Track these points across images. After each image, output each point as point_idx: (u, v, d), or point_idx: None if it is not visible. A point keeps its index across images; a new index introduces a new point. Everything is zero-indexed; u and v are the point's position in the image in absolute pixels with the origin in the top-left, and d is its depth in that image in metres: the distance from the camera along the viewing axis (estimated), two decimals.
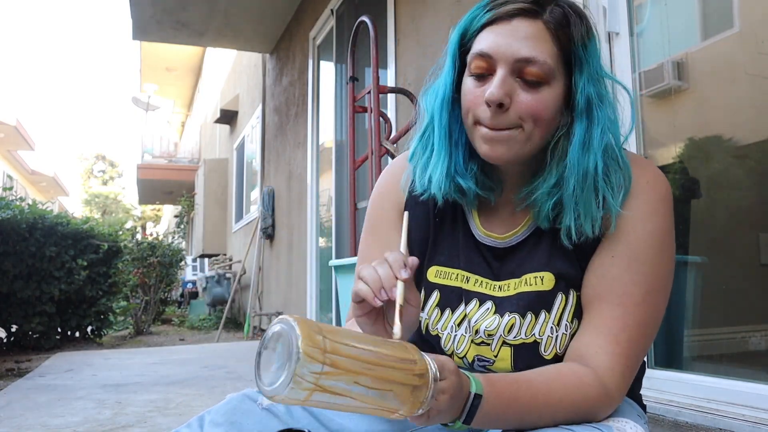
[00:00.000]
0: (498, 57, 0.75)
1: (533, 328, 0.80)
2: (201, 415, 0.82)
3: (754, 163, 1.80)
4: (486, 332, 0.82)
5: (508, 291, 0.83)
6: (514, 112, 0.75)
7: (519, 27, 0.75)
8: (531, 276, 0.81)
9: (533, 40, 0.75)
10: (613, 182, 0.77)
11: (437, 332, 0.87)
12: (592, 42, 0.79)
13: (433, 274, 0.88)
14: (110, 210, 31.00)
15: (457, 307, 0.85)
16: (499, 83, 0.74)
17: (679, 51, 1.97)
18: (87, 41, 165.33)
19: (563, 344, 0.80)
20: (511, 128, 0.76)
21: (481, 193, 0.84)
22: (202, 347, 5.42)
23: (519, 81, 0.75)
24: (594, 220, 0.76)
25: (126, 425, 2.26)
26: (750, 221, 1.80)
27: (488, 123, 0.76)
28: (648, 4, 2.06)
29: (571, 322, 0.80)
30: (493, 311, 0.83)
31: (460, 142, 0.83)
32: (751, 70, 1.78)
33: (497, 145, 0.77)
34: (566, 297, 0.80)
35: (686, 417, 1.59)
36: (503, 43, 0.75)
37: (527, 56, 0.74)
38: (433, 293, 0.87)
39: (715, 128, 1.90)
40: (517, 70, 0.75)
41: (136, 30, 6.34)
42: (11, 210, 5.36)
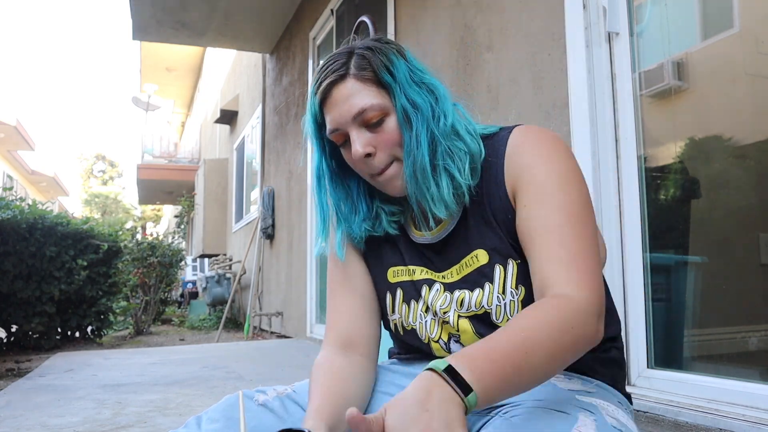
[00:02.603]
0: (343, 125, 0.89)
1: (481, 301, 0.89)
2: (198, 416, 0.86)
3: (754, 163, 1.79)
4: (441, 310, 0.92)
5: (452, 277, 0.92)
6: (380, 154, 0.89)
7: (338, 95, 0.89)
8: (467, 258, 0.91)
9: (353, 96, 0.88)
10: (455, 154, 0.88)
11: (411, 326, 0.96)
12: (396, 61, 0.90)
13: (391, 274, 1.00)
14: (110, 210, 31.00)
15: (418, 298, 0.96)
16: (356, 142, 0.88)
17: (679, 51, 1.96)
18: (87, 41, 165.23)
19: (513, 310, 0.87)
20: (390, 164, 0.90)
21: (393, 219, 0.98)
22: (202, 347, 5.42)
23: (368, 129, 0.89)
24: (445, 203, 0.88)
25: (126, 425, 2.26)
26: (750, 221, 1.80)
27: (374, 172, 0.90)
28: (648, 4, 2.06)
29: (516, 288, 0.87)
30: (442, 290, 0.93)
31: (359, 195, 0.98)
32: (751, 70, 1.77)
33: (392, 182, 0.91)
34: (504, 267, 0.88)
35: (686, 417, 1.59)
36: (337, 114, 0.89)
37: (357, 110, 0.87)
38: (396, 292, 0.99)
39: (715, 128, 1.90)
40: (361, 123, 0.88)
41: (136, 30, 6.34)
42: (11, 210, 5.36)
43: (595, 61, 2.04)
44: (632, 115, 1.98)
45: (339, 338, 0.97)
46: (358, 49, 0.90)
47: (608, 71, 2.03)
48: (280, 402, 0.89)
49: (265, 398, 0.89)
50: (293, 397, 0.91)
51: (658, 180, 2.02)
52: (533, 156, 0.86)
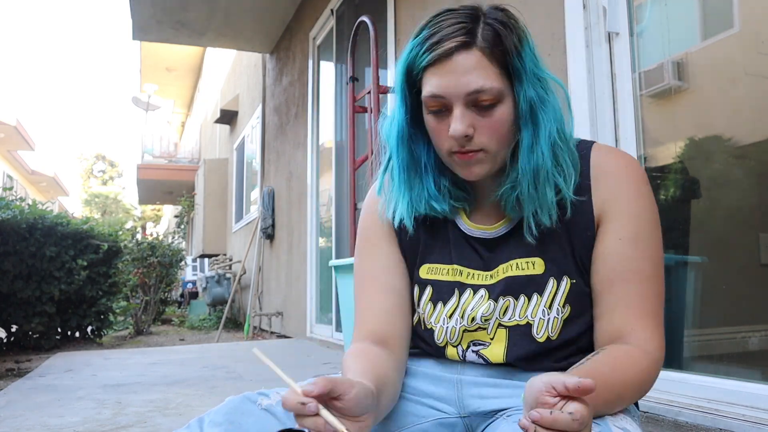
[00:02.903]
0: (450, 96, 0.81)
1: (526, 310, 0.86)
2: (201, 417, 0.82)
3: (754, 163, 1.79)
4: (483, 318, 0.88)
5: (498, 276, 0.88)
6: (478, 137, 0.82)
7: (459, 62, 0.80)
8: (522, 261, 0.87)
9: (476, 70, 0.80)
10: (565, 169, 0.84)
11: (431, 326, 0.92)
12: (525, 46, 0.83)
13: (425, 271, 0.94)
14: (110, 210, 31.00)
15: (448, 299, 0.91)
16: (458, 119, 0.81)
17: (679, 51, 1.96)
18: (87, 41, 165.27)
19: (555, 328, 0.85)
20: (480, 150, 0.83)
21: (457, 205, 0.92)
22: (202, 347, 5.42)
23: (474, 109, 0.82)
24: (550, 211, 0.84)
25: (126, 425, 2.26)
26: (750, 221, 1.80)
27: (460, 152, 0.84)
28: (648, 4, 2.06)
29: (563, 306, 0.85)
30: (487, 298, 0.88)
31: (427, 167, 0.91)
32: (751, 70, 1.77)
33: (472, 167, 0.84)
34: (558, 282, 0.85)
35: (686, 417, 1.59)
36: (451, 83, 0.81)
37: (475, 88, 0.80)
38: (426, 289, 0.93)
39: (715, 128, 1.90)
40: (470, 101, 0.81)
41: (136, 30, 6.34)
42: (11, 210, 5.36)
43: (595, 61, 2.04)
44: (632, 115, 1.98)
45: (371, 335, 0.92)
46: (489, 19, 0.82)
47: (608, 71, 2.03)
48: None
49: (269, 402, 0.85)
50: None
51: (658, 180, 2.02)
52: (629, 187, 0.85)
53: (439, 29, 0.82)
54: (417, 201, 0.91)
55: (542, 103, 0.83)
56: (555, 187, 0.83)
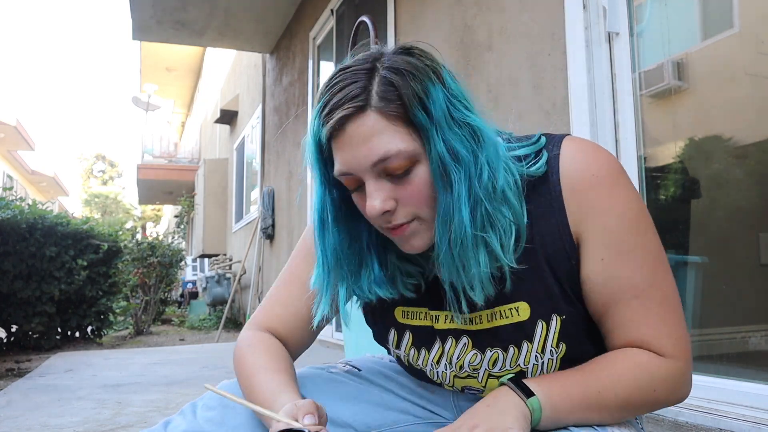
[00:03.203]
0: (356, 171, 0.70)
1: (517, 359, 0.78)
2: (194, 402, 0.83)
3: (754, 163, 1.80)
4: (471, 367, 0.81)
5: (480, 324, 0.79)
6: (402, 209, 0.71)
7: (353, 132, 0.69)
8: (505, 308, 0.77)
9: (374, 136, 0.68)
10: (500, 223, 0.71)
11: (420, 367, 0.86)
12: (434, 92, 0.69)
13: (401, 314, 0.85)
14: (110, 210, 31.00)
15: (432, 346, 0.83)
16: (372, 195, 0.70)
17: (679, 51, 1.96)
18: (87, 41, 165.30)
19: (551, 368, 0.77)
20: (411, 221, 0.72)
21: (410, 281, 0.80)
22: (202, 347, 5.41)
23: (389, 178, 0.71)
24: (483, 283, 0.72)
25: (126, 425, 2.26)
26: (750, 221, 1.80)
27: (389, 228, 0.73)
28: (648, 4, 2.06)
29: (557, 346, 0.76)
30: (471, 345, 0.80)
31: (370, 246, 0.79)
32: (751, 70, 1.78)
33: (410, 240, 0.74)
34: (547, 323, 0.75)
35: (686, 417, 1.59)
36: (350, 156, 0.70)
37: (379, 157, 0.68)
38: (405, 333, 0.85)
39: (715, 128, 1.90)
40: (380, 171, 0.70)
41: (136, 30, 6.34)
42: (11, 210, 5.36)
43: (595, 61, 2.04)
44: (632, 115, 1.98)
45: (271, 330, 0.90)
46: (384, 70, 0.69)
47: (608, 71, 2.03)
48: None
49: None
50: None
51: (658, 180, 2.02)
52: (600, 194, 0.73)
53: (332, 96, 0.70)
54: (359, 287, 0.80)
55: (456, 157, 0.69)
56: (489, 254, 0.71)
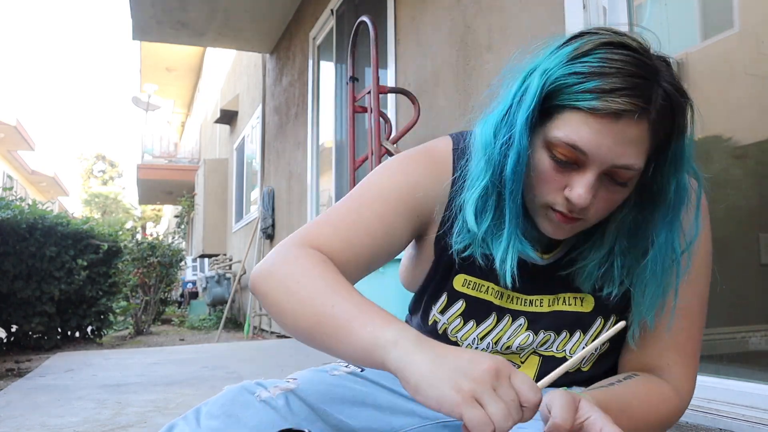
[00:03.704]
0: (595, 159, 0.67)
1: (565, 345, 0.81)
2: (197, 408, 0.79)
3: (754, 163, 1.80)
4: (519, 347, 0.83)
5: (541, 307, 0.82)
6: (593, 208, 0.71)
7: (626, 130, 0.66)
8: (570, 296, 0.81)
9: (636, 145, 0.67)
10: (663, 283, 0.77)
11: (456, 340, 0.85)
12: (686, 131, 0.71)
13: (461, 282, 0.84)
14: (110, 210, 31.00)
15: (483, 320, 0.82)
16: (588, 187, 0.68)
17: (679, 51, 1.97)
18: (87, 41, 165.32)
19: (589, 362, 0.82)
20: (582, 218, 0.72)
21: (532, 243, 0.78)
22: (202, 347, 5.42)
23: (606, 178, 0.69)
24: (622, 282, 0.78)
25: (126, 425, 2.26)
26: (750, 221, 1.80)
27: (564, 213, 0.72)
28: (648, 4, 2.06)
29: (603, 344, 0.79)
30: (525, 327, 0.82)
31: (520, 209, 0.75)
32: (751, 70, 1.78)
33: (564, 230, 0.74)
34: (605, 322, 0.81)
35: (686, 417, 1.59)
36: (604, 146, 0.66)
37: (625, 164, 0.67)
38: (458, 302, 0.84)
39: (715, 128, 1.90)
40: (609, 172, 0.69)
41: (136, 30, 6.34)
42: (11, 210, 5.36)
43: None
44: None
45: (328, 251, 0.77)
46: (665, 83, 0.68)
47: None
48: (284, 400, 0.80)
49: (268, 395, 0.80)
50: (299, 394, 0.82)
51: None
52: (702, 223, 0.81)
53: (617, 74, 0.65)
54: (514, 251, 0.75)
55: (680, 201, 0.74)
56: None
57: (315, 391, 0.85)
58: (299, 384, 0.84)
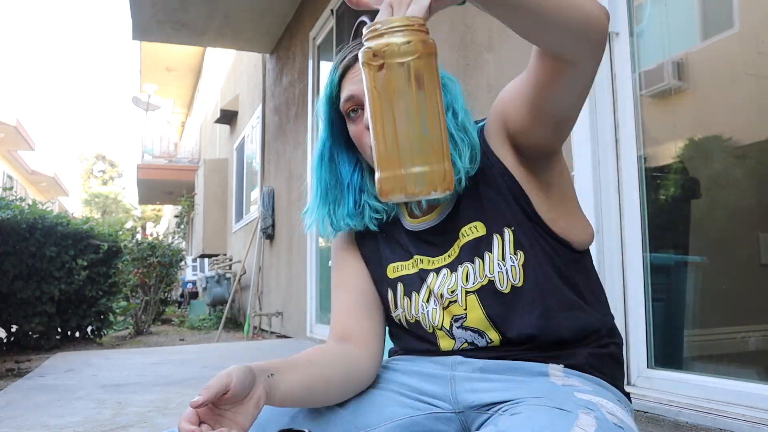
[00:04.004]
0: (360, 92, 0.90)
1: (484, 270, 0.90)
2: None
3: (754, 163, 1.80)
4: (449, 290, 0.92)
5: (455, 253, 0.94)
6: None
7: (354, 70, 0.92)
8: (465, 228, 0.93)
9: None
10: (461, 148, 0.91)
11: (415, 318, 0.97)
12: None
13: (392, 271, 1.00)
14: (110, 210, 31.01)
15: (420, 288, 0.96)
16: None
17: (679, 51, 1.97)
18: (87, 41, 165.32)
19: (516, 275, 0.89)
20: None
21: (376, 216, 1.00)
22: (202, 347, 5.42)
23: None
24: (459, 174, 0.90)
25: (126, 425, 2.26)
26: (750, 221, 1.80)
27: None
28: (648, 4, 2.06)
29: (515, 254, 0.89)
30: (449, 274, 0.94)
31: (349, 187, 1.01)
32: (751, 70, 1.78)
33: None
34: (501, 236, 0.90)
35: (686, 417, 1.59)
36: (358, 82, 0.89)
37: None
38: (397, 286, 0.99)
39: (715, 128, 1.90)
40: None
41: (136, 30, 6.34)
42: (11, 210, 5.36)
43: None
44: (632, 115, 1.98)
45: (336, 334, 0.99)
46: None
47: (608, 71, 2.03)
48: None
49: None
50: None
51: (658, 180, 2.02)
52: None
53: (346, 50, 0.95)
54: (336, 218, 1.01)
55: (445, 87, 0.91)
56: None
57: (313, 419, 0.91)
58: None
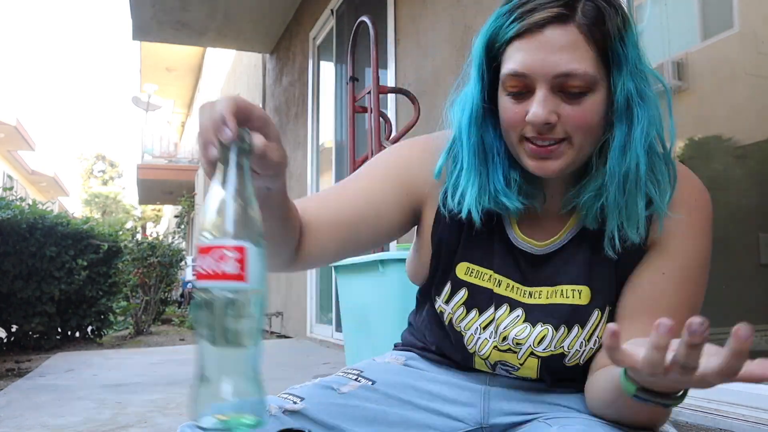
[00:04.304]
0: (535, 75, 0.70)
1: (563, 341, 0.78)
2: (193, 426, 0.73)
3: (754, 163, 1.80)
4: (515, 341, 0.80)
5: (539, 299, 0.80)
6: (561, 127, 0.71)
7: (552, 38, 0.68)
8: (568, 288, 0.79)
9: (569, 50, 0.68)
10: (660, 181, 0.74)
11: (461, 330, 0.84)
12: (629, 32, 0.72)
13: (463, 271, 0.83)
14: (110, 210, 31.00)
15: (485, 309, 0.82)
16: (540, 102, 0.69)
17: (679, 51, 1.96)
18: (87, 41, 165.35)
19: (587, 356, 0.79)
20: (560, 141, 0.72)
21: (526, 202, 0.78)
22: None
23: (561, 95, 0.70)
24: (639, 224, 0.73)
25: (126, 425, 2.26)
26: (750, 221, 1.80)
27: (535, 143, 0.72)
28: (648, 4, 2.06)
29: (600, 338, 0.78)
30: (523, 319, 0.80)
31: (497, 155, 0.78)
32: (751, 70, 1.78)
33: (547, 161, 0.73)
34: (602, 313, 0.78)
35: (686, 417, 1.59)
36: (538, 60, 0.69)
37: (566, 71, 0.68)
38: (460, 290, 0.83)
39: (715, 128, 1.90)
40: (557, 85, 0.69)
41: (136, 30, 6.34)
42: (11, 210, 5.36)
43: None
44: None
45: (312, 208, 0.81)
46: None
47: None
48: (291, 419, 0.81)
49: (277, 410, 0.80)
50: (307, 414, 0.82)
51: None
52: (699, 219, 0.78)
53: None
54: (482, 193, 0.78)
55: (642, 98, 0.72)
56: (647, 198, 0.74)
57: (324, 411, 0.83)
58: (306, 405, 0.82)
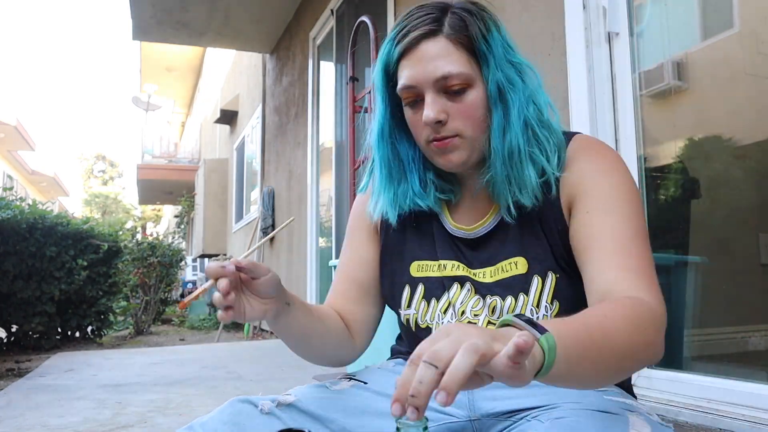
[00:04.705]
0: (420, 84, 0.83)
1: (513, 310, 0.84)
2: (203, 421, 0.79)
3: (754, 163, 1.80)
4: (472, 312, 0.87)
5: (484, 278, 0.88)
6: (451, 123, 0.84)
7: (426, 50, 0.83)
8: (506, 262, 0.87)
9: (442, 57, 0.82)
10: (546, 150, 0.84)
11: (427, 324, 0.91)
12: (493, 32, 0.85)
13: (416, 269, 0.95)
14: (110, 210, 31.00)
15: (441, 295, 0.91)
16: (429, 105, 0.83)
17: (679, 51, 1.97)
18: (87, 41, 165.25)
19: None
20: (454, 136, 0.84)
21: (444, 197, 0.93)
22: (202, 347, 5.42)
23: (446, 96, 0.84)
24: (533, 191, 0.83)
25: (126, 425, 2.26)
26: (750, 221, 1.80)
27: (436, 139, 0.85)
28: (648, 4, 2.06)
29: (551, 303, 0.83)
30: (474, 292, 0.88)
31: (412, 162, 0.92)
32: (751, 70, 1.78)
33: (449, 155, 0.86)
34: (543, 279, 0.84)
35: (686, 417, 1.59)
36: (419, 71, 0.83)
37: (442, 74, 0.82)
38: (418, 287, 0.93)
39: (715, 128, 1.90)
40: (440, 87, 0.83)
41: (136, 30, 6.34)
42: (11, 210, 5.36)
43: (595, 61, 2.04)
44: (632, 115, 1.98)
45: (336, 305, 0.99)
46: (456, 9, 0.85)
47: (608, 71, 2.03)
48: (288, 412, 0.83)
49: (271, 406, 0.82)
50: (298, 406, 0.84)
51: (658, 180, 2.02)
52: (598, 166, 0.84)
53: (408, 21, 0.85)
54: (401, 197, 0.92)
55: (511, 84, 0.84)
56: (538, 168, 0.83)
57: (316, 403, 0.85)
58: (298, 398, 0.86)
